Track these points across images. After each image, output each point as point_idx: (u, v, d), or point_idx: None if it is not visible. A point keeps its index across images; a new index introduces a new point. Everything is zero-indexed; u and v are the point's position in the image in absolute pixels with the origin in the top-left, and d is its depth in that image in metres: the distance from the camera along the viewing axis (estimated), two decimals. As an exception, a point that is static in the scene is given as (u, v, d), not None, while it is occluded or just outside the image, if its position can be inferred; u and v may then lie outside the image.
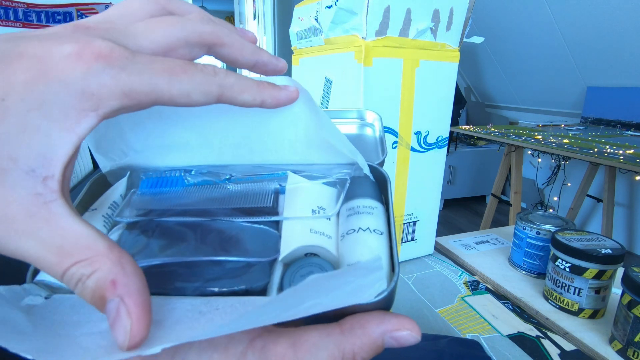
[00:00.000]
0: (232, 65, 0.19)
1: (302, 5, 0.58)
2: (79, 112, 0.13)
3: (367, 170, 0.22)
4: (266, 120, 0.20)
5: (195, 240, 0.19)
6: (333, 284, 0.14)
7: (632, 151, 1.40)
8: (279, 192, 0.22)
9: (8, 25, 2.05)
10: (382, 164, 0.23)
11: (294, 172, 0.22)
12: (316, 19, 0.53)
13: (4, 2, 2.02)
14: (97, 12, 2.16)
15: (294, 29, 0.61)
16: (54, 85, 0.13)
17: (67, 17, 2.14)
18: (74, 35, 0.14)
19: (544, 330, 0.43)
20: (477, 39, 0.54)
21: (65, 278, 0.12)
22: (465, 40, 0.52)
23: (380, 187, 0.22)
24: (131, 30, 0.16)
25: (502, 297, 0.50)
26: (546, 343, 0.41)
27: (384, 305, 0.14)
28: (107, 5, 2.20)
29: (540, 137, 1.72)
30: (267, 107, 0.18)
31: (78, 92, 0.13)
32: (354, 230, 0.18)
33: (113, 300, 0.12)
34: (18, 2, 2.05)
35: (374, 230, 0.18)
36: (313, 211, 0.20)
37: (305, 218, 0.20)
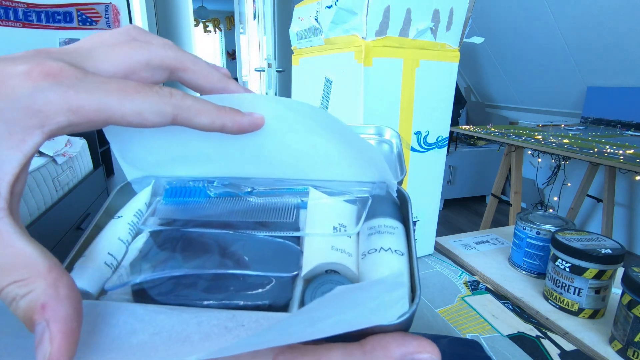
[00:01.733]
0: (198, 92, 0.20)
1: (302, 5, 0.58)
2: (25, 130, 0.13)
3: (393, 190, 0.22)
4: (283, 136, 0.20)
5: (218, 252, 0.19)
6: (358, 297, 0.14)
7: (632, 151, 1.40)
8: (300, 208, 0.22)
9: (8, 25, 2.05)
10: (401, 183, 0.23)
11: (314, 187, 0.22)
12: (316, 19, 0.53)
13: (4, 2, 2.02)
14: (97, 12, 2.15)
15: (294, 29, 0.61)
16: (1, 103, 0.13)
17: (67, 17, 2.13)
18: (31, 58, 0.14)
19: (544, 330, 0.43)
20: (477, 40, 0.54)
21: (1, 296, 0.12)
22: (465, 40, 0.52)
23: (400, 206, 0.22)
24: (92, 54, 0.16)
25: (502, 297, 0.50)
26: (546, 343, 0.41)
27: (405, 326, 0.14)
28: (107, 6, 2.19)
29: (540, 137, 1.72)
30: (229, 132, 0.18)
31: (24, 109, 0.13)
32: (376, 250, 0.18)
33: (40, 324, 0.12)
34: (18, 2, 2.05)
35: (395, 251, 0.18)
36: (334, 228, 0.20)
37: (327, 235, 0.20)
